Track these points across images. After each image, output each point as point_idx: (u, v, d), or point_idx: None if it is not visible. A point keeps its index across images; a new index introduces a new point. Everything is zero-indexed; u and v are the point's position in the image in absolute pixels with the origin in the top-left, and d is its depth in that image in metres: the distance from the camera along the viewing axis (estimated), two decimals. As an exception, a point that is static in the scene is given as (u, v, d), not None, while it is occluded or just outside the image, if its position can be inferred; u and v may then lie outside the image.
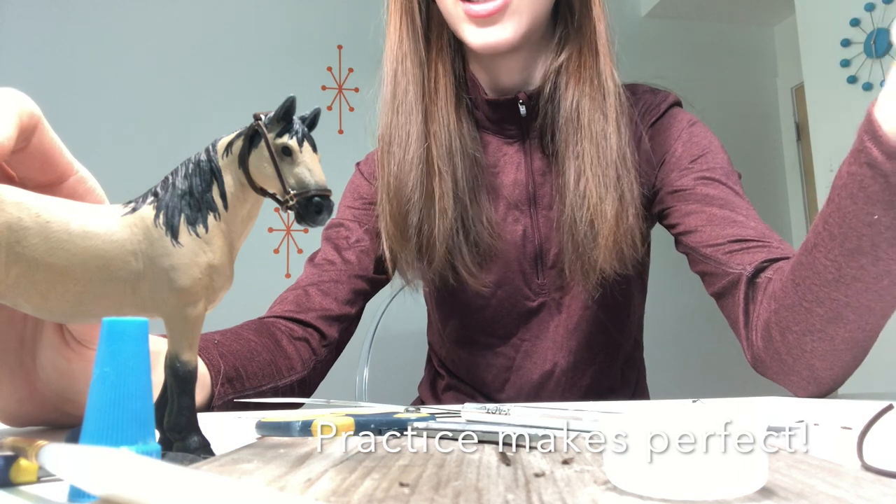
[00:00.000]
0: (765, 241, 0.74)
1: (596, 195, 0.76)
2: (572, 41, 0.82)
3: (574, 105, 0.79)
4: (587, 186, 0.77)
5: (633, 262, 0.77)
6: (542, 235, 0.85)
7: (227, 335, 0.69)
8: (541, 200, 0.85)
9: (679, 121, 0.86)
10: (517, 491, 0.22)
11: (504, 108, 0.84)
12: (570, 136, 0.79)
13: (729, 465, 0.21)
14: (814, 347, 0.64)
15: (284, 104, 0.31)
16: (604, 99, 0.78)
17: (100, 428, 0.24)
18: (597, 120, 0.78)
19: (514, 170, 0.86)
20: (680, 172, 0.82)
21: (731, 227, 0.75)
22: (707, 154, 0.82)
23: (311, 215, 0.31)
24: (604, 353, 0.88)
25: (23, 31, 2.84)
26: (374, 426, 0.36)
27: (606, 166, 0.77)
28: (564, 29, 0.83)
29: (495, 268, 0.85)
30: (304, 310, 0.80)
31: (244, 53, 3.01)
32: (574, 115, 0.79)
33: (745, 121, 3.51)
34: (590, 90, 0.79)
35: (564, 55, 0.81)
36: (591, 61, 0.80)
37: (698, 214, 0.78)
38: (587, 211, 0.76)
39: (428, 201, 0.79)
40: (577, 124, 0.79)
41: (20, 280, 0.30)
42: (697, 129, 0.86)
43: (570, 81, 0.80)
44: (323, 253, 0.88)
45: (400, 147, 0.80)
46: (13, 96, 0.33)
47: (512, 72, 0.84)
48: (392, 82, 0.82)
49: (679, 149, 0.83)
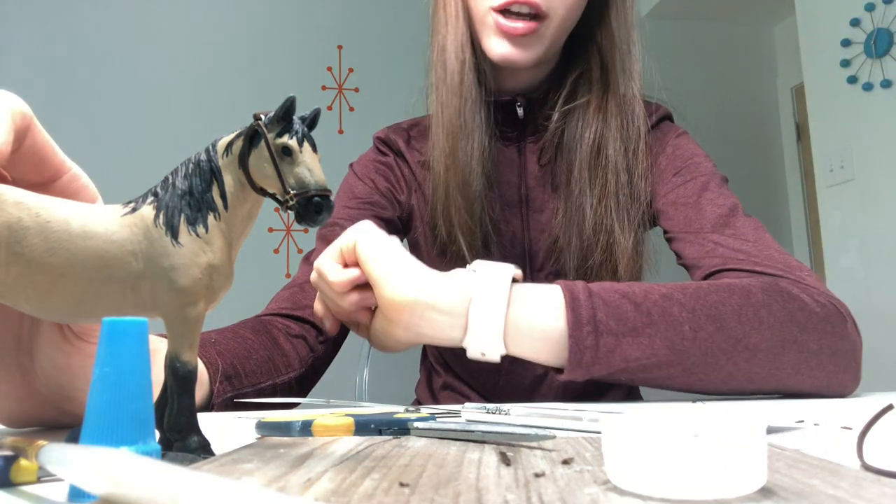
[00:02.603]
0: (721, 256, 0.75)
1: (618, 229, 0.79)
2: (599, 80, 0.84)
3: (598, 141, 0.82)
4: (609, 217, 0.80)
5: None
6: (531, 239, 0.86)
7: (223, 334, 0.69)
8: (532, 203, 0.86)
9: (665, 134, 0.88)
10: (517, 491, 0.22)
11: (502, 108, 0.86)
12: (589, 166, 0.82)
13: (729, 465, 0.21)
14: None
15: (284, 104, 0.31)
16: (635, 139, 0.82)
17: (100, 428, 0.24)
18: (622, 157, 0.81)
19: (508, 170, 0.87)
20: (664, 187, 0.84)
21: (696, 247, 0.77)
22: (689, 165, 0.84)
23: (311, 215, 0.31)
24: None
25: (23, 31, 2.83)
26: (374, 426, 0.36)
27: (630, 204, 0.81)
28: (587, 64, 0.85)
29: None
30: (301, 307, 0.80)
31: (244, 53, 3.01)
32: (596, 149, 0.82)
33: (745, 121, 3.51)
34: (617, 130, 0.82)
35: (593, 93, 0.84)
36: (623, 100, 0.83)
37: (675, 236, 0.81)
38: (604, 239, 0.80)
39: (488, 191, 0.82)
40: (599, 160, 0.82)
41: (20, 280, 0.30)
42: (681, 141, 0.87)
43: (595, 117, 0.83)
44: (318, 252, 0.88)
45: (465, 137, 0.82)
46: (4, 98, 0.33)
47: (517, 79, 0.86)
48: (457, 69, 0.83)
49: (663, 162, 0.85)
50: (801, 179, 3.52)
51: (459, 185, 0.81)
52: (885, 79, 2.38)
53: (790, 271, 0.69)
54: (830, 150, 2.57)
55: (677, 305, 0.61)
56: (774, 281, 0.66)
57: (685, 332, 0.60)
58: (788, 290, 0.65)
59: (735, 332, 0.61)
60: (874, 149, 2.40)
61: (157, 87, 2.91)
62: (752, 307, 0.62)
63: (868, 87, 2.42)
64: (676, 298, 0.62)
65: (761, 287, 0.64)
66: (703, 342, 0.61)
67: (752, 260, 0.71)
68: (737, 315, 0.62)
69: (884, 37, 2.40)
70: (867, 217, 2.44)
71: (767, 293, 0.64)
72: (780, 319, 0.62)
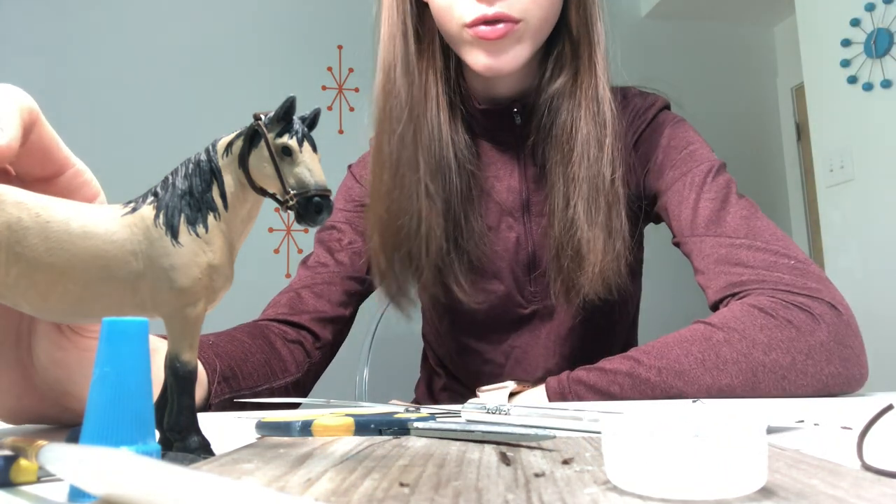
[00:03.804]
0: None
1: (585, 224, 0.76)
2: (570, 62, 0.81)
3: (569, 128, 0.79)
4: (576, 213, 0.77)
5: (619, 288, 0.77)
6: (535, 243, 0.85)
7: (221, 337, 0.69)
8: (534, 208, 0.85)
9: (661, 124, 0.86)
10: (517, 491, 0.22)
11: (498, 116, 0.84)
12: (563, 157, 0.79)
13: (728, 465, 0.21)
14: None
15: (284, 104, 0.31)
16: (604, 127, 0.78)
17: (100, 428, 0.24)
18: (592, 146, 0.78)
19: (508, 176, 0.86)
20: (662, 183, 0.83)
21: (698, 260, 0.78)
22: (685, 157, 0.82)
23: (310, 215, 0.31)
24: (596, 358, 0.88)
25: (22, 31, 2.83)
26: (374, 426, 0.36)
27: (598, 196, 0.77)
28: (562, 47, 0.82)
29: (487, 275, 0.84)
30: (298, 312, 0.80)
31: (244, 53, 3.01)
32: (567, 136, 0.79)
33: (745, 121, 3.51)
34: (585, 114, 0.78)
35: (563, 78, 0.81)
36: (589, 83, 0.80)
37: (678, 241, 0.81)
38: (574, 237, 0.77)
39: (418, 227, 0.78)
40: (569, 147, 0.79)
41: (20, 280, 0.30)
42: (676, 131, 0.85)
43: (566, 103, 0.80)
44: (315, 255, 0.88)
45: (391, 175, 0.78)
46: (12, 93, 0.33)
47: (508, 84, 0.83)
48: (382, 95, 0.80)
49: (660, 155, 0.84)
50: (801, 179, 3.52)
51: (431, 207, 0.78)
52: (885, 79, 2.38)
53: (776, 268, 0.71)
54: (830, 150, 2.57)
55: (644, 369, 0.67)
56: (746, 303, 0.69)
57: (656, 394, 0.66)
58: (759, 307, 0.67)
59: (704, 381, 0.65)
60: (874, 149, 2.40)
61: (158, 87, 2.91)
62: (712, 349, 0.66)
63: (868, 87, 2.42)
64: (644, 363, 0.67)
65: (727, 320, 0.68)
66: (677, 398, 0.65)
67: (741, 279, 0.72)
68: (700, 363, 0.66)
69: (884, 37, 2.40)
70: (867, 217, 2.44)
71: (728, 327, 0.67)
72: (742, 351, 0.65)
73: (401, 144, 0.78)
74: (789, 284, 0.69)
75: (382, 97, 0.80)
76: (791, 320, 0.66)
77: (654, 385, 0.66)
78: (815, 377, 0.65)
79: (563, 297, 0.79)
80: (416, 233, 0.77)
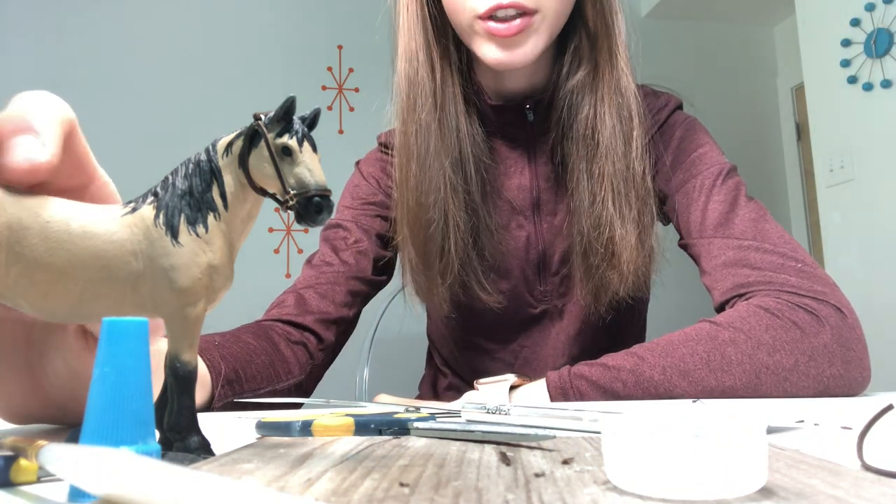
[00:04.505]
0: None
1: (617, 220, 0.75)
2: (589, 55, 0.79)
3: (593, 122, 0.77)
4: (605, 210, 0.76)
5: (649, 285, 0.77)
6: (545, 242, 0.84)
7: (226, 337, 0.69)
8: (545, 206, 0.84)
9: (674, 125, 0.86)
10: (517, 491, 0.22)
11: (510, 112, 0.83)
12: (588, 152, 0.78)
13: (728, 465, 0.21)
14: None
15: (284, 104, 0.31)
16: (630, 120, 0.77)
17: (100, 428, 0.24)
18: (619, 141, 0.76)
19: (519, 174, 0.85)
20: (671, 185, 0.82)
21: (704, 261, 0.77)
22: (694, 160, 0.82)
23: (311, 215, 0.31)
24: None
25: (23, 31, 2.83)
26: (374, 426, 0.36)
27: (628, 191, 0.76)
28: (579, 40, 0.80)
29: (499, 274, 0.84)
30: (302, 313, 0.80)
31: (244, 53, 3.01)
32: (592, 132, 0.77)
33: (745, 121, 3.51)
34: (609, 108, 0.77)
35: (583, 72, 0.79)
36: (611, 75, 0.78)
37: (686, 243, 0.80)
38: (603, 234, 0.76)
39: (446, 220, 0.78)
40: (594, 142, 0.77)
41: (20, 280, 0.30)
42: (689, 133, 0.85)
43: (588, 98, 0.78)
44: (321, 255, 0.88)
45: (419, 165, 0.78)
46: (53, 104, 0.32)
47: (519, 79, 0.83)
48: (406, 83, 0.80)
49: (671, 157, 0.83)
50: (801, 179, 3.52)
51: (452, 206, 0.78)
52: (885, 79, 2.37)
53: (783, 270, 0.71)
54: (830, 150, 2.57)
55: (648, 367, 0.66)
56: (752, 303, 0.68)
57: (659, 393, 0.65)
58: (765, 308, 0.67)
59: (708, 382, 0.65)
60: (874, 149, 2.40)
61: (158, 87, 2.91)
62: (718, 349, 0.65)
63: (868, 87, 2.42)
64: (648, 360, 0.66)
65: (733, 320, 0.67)
66: (679, 398, 0.65)
67: (748, 280, 0.72)
68: (706, 364, 0.65)
69: (884, 37, 2.40)
70: (867, 217, 2.44)
71: (733, 327, 0.66)
72: (746, 352, 0.65)
73: (427, 133, 0.78)
74: (796, 287, 0.69)
75: (406, 85, 0.80)
76: (796, 322, 0.66)
77: (658, 384, 0.65)
78: (817, 379, 0.65)
79: (592, 297, 0.78)
80: (443, 227, 0.77)
